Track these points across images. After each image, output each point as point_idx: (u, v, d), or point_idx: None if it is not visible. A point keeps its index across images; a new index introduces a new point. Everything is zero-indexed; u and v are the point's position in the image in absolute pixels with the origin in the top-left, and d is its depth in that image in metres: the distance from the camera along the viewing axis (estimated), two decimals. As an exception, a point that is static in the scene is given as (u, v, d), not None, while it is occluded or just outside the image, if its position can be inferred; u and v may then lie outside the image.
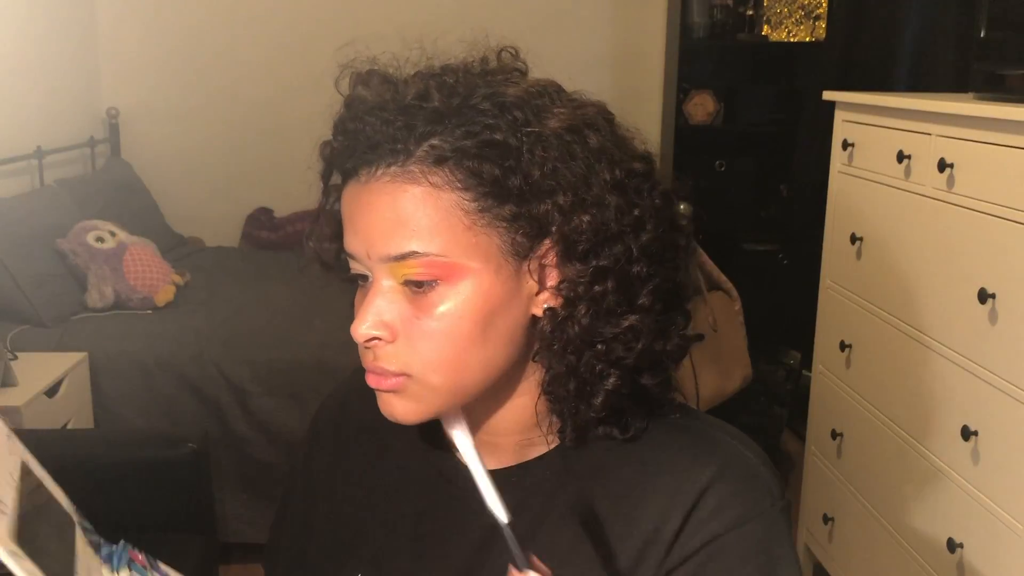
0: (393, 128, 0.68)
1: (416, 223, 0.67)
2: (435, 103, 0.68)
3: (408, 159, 0.68)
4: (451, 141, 0.67)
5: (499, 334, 0.70)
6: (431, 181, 0.67)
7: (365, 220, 0.69)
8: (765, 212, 4.19)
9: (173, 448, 2.04)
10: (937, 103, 1.78)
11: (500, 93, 0.69)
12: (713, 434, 0.77)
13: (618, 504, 0.74)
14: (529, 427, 0.77)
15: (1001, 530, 1.56)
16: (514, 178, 0.68)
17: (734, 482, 0.73)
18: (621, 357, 0.72)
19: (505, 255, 0.69)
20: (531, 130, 0.68)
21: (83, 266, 2.83)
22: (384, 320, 0.70)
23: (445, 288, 0.68)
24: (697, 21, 4.09)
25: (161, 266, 3.02)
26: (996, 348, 1.58)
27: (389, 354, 0.70)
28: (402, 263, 0.68)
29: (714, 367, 2.41)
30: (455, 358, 0.69)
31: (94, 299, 2.82)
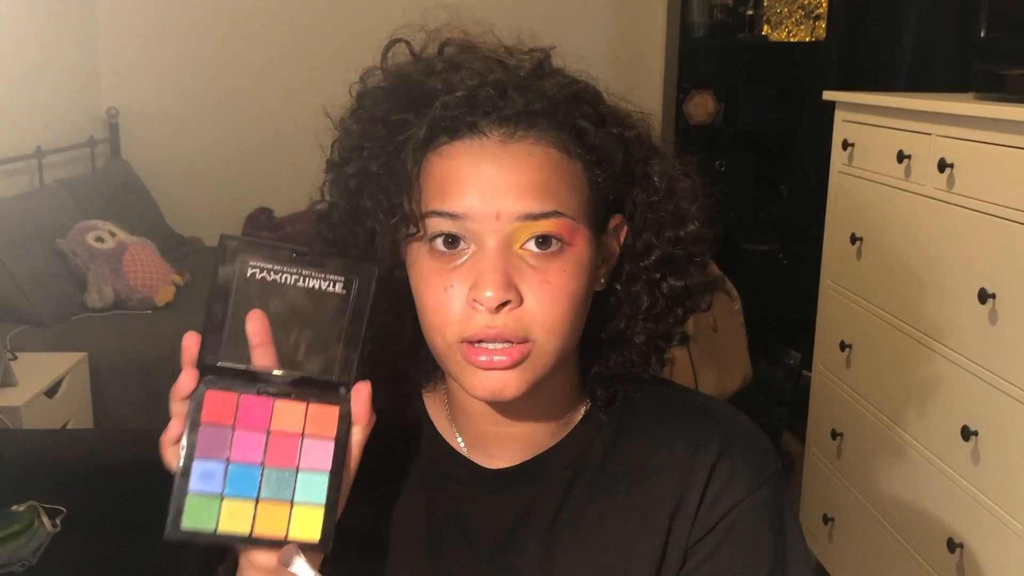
0: (527, 95, 0.70)
1: (556, 185, 0.69)
2: (554, 80, 0.72)
3: (549, 123, 0.70)
4: (580, 113, 0.71)
5: (588, 300, 0.73)
6: (568, 148, 0.70)
7: (505, 178, 0.68)
8: (765, 212, 4.19)
9: (173, 448, 2.03)
10: (937, 103, 1.78)
11: (590, 90, 0.75)
12: (709, 404, 0.82)
13: (635, 484, 0.77)
14: (558, 409, 0.79)
15: (1001, 530, 1.56)
16: (619, 157, 0.73)
17: (741, 451, 0.77)
18: (697, 303, 0.78)
19: (597, 226, 0.73)
20: (627, 134, 0.75)
21: (83, 266, 2.83)
22: (512, 282, 0.68)
23: (569, 253, 0.70)
24: (697, 21, 4.09)
25: (161, 266, 3.02)
26: (996, 348, 1.58)
27: (514, 320, 0.68)
28: (542, 221, 0.68)
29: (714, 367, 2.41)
30: (570, 322, 0.70)
31: (94, 299, 2.82)
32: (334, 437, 0.66)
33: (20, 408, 2.17)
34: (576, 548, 0.76)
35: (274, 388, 0.66)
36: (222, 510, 0.63)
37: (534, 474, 0.78)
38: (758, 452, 0.78)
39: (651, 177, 0.76)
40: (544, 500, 0.77)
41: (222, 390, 0.65)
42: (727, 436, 0.78)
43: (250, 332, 0.65)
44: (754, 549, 0.76)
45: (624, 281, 0.77)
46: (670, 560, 0.76)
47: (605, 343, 0.78)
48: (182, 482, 0.63)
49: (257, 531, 0.64)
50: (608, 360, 0.78)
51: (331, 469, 0.66)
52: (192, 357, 0.65)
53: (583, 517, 0.77)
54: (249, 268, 0.64)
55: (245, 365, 0.66)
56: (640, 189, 0.76)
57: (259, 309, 0.65)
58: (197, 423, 0.64)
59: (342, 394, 0.67)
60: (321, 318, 0.66)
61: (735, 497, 0.76)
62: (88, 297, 2.82)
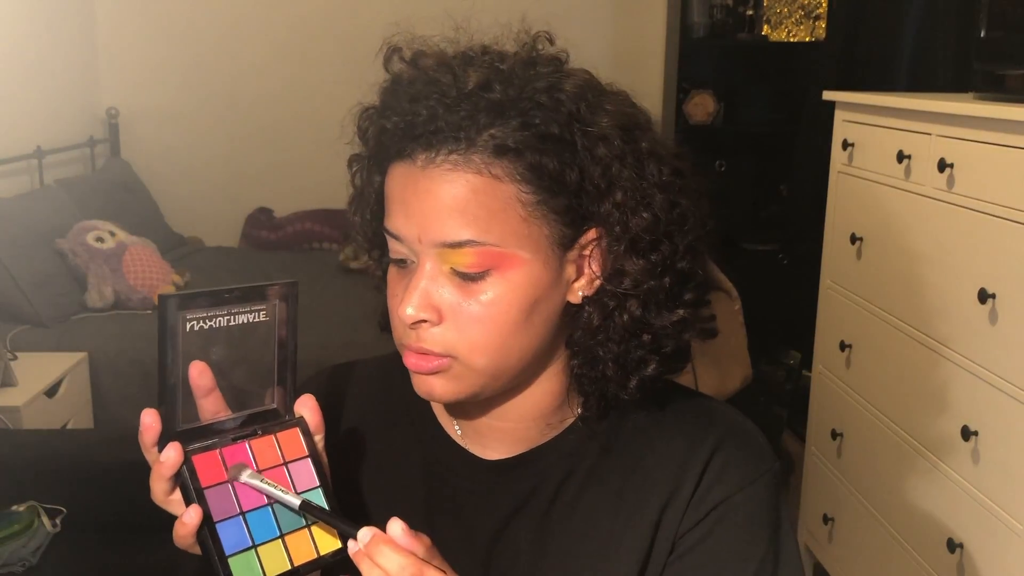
0: (456, 116, 0.68)
1: (474, 212, 0.69)
2: (496, 94, 0.69)
3: (470, 148, 0.68)
4: (512, 133, 0.68)
5: (540, 320, 0.73)
6: (492, 172, 0.68)
7: (421, 205, 0.69)
8: (765, 212, 4.19)
9: (173, 448, 2.03)
10: (937, 103, 1.78)
11: (557, 87, 0.70)
12: (708, 404, 0.83)
13: (630, 477, 0.77)
14: (551, 411, 0.79)
15: (1001, 530, 1.56)
16: (571, 173, 0.70)
17: (737, 446, 0.78)
18: (664, 346, 0.75)
19: (553, 245, 0.71)
20: (589, 129, 0.70)
21: (83, 266, 2.83)
22: (432, 302, 0.71)
23: (496, 277, 0.70)
24: (697, 21, 4.09)
25: (161, 266, 3.02)
26: (996, 348, 1.58)
27: (434, 336, 0.71)
28: (456, 250, 0.69)
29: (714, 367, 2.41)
30: (500, 343, 0.71)
31: (94, 299, 2.82)
32: (308, 454, 0.70)
33: (20, 408, 2.17)
34: (568, 538, 0.77)
35: (238, 432, 0.68)
36: (261, 558, 0.66)
37: (530, 467, 0.79)
38: (754, 450, 0.79)
39: (622, 193, 0.71)
40: (539, 491, 0.78)
41: (203, 451, 0.66)
42: (724, 433, 0.78)
43: (194, 386, 0.66)
44: (742, 544, 0.76)
45: (592, 296, 0.74)
46: (658, 551, 0.76)
47: (576, 355, 0.77)
48: (217, 549, 0.64)
49: (296, 562, 0.66)
50: (581, 372, 0.76)
51: (319, 483, 0.70)
52: (156, 434, 0.65)
53: (576, 508, 0.78)
54: (187, 323, 0.64)
55: (200, 423, 0.67)
56: (611, 204, 0.72)
57: (201, 360, 0.66)
58: (200, 490, 0.65)
59: (288, 417, 0.71)
60: (255, 350, 0.69)
61: (726, 491, 0.76)
62: (88, 297, 2.82)
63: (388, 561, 0.61)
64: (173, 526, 0.65)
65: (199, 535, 0.64)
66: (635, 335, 0.74)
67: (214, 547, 0.64)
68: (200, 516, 0.64)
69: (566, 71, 0.74)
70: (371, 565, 0.61)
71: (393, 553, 0.61)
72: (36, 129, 3.30)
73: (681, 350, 0.78)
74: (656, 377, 0.76)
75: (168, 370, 0.64)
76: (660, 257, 0.73)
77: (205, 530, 0.64)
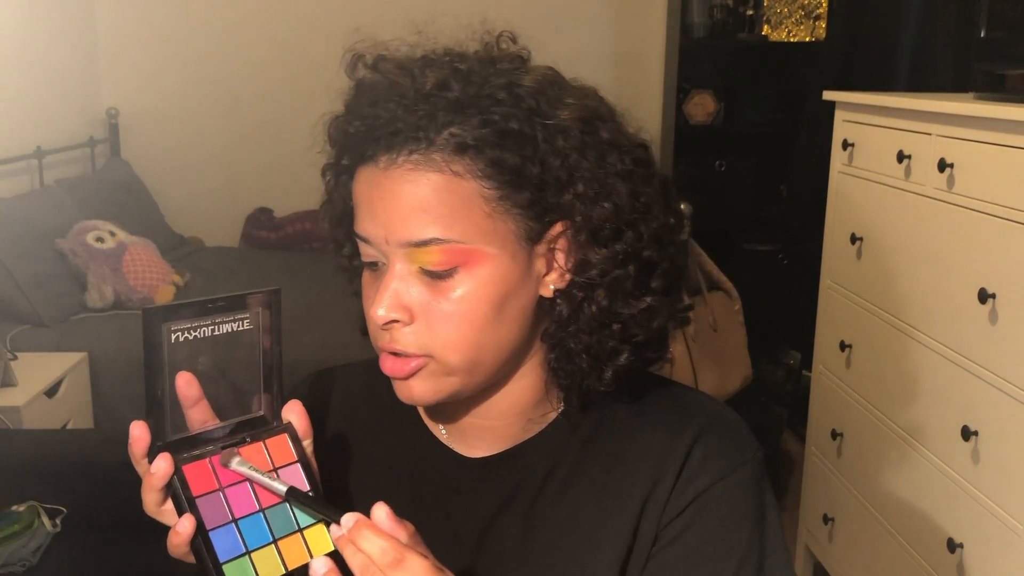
0: (415, 116, 0.69)
1: (437, 210, 0.69)
2: (455, 92, 0.70)
3: (430, 147, 0.69)
4: (471, 130, 0.69)
5: (512, 315, 0.73)
6: (452, 169, 0.69)
7: (385, 206, 0.71)
8: (765, 212, 4.19)
9: (173, 448, 2.03)
10: (937, 103, 1.78)
11: (515, 83, 0.71)
12: (691, 395, 0.83)
13: (613, 469, 0.78)
14: (531, 407, 0.80)
15: (1001, 530, 1.56)
16: (532, 167, 0.70)
17: (718, 436, 0.78)
18: (635, 335, 0.75)
19: (519, 240, 0.72)
20: (548, 122, 0.71)
21: (83, 266, 2.83)
22: (403, 303, 0.72)
23: (463, 273, 0.71)
24: (697, 21, 4.10)
25: (161, 266, 3.02)
26: (996, 348, 1.58)
27: (408, 337, 0.72)
28: (422, 249, 0.70)
29: (714, 367, 2.41)
30: (473, 339, 0.72)
31: (94, 299, 2.82)
32: (297, 459, 0.71)
33: (20, 408, 2.17)
34: (553, 532, 0.78)
35: (227, 440, 0.69)
36: (255, 564, 0.66)
37: (514, 463, 0.80)
38: (735, 439, 0.78)
39: (583, 184, 0.72)
40: (524, 487, 0.79)
41: (193, 461, 0.67)
42: (704, 423, 0.78)
43: (182, 397, 0.67)
44: (725, 533, 0.76)
45: (563, 289, 0.75)
46: (640, 543, 0.76)
47: (551, 348, 0.77)
48: (211, 557, 0.64)
49: (290, 566, 0.67)
50: (557, 366, 0.77)
51: (309, 487, 0.70)
52: (145, 445, 0.66)
53: (560, 505, 0.78)
54: (172, 334, 0.65)
55: (189, 432, 0.68)
56: (573, 195, 0.72)
57: (188, 371, 0.66)
58: (191, 499, 0.65)
59: (276, 423, 0.71)
60: (240, 358, 0.70)
61: (707, 481, 0.76)
62: (88, 297, 2.82)
63: (370, 545, 0.61)
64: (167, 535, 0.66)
65: (193, 544, 0.64)
66: (605, 325, 0.74)
67: (208, 555, 0.64)
68: (193, 525, 0.64)
69: (526, 68, 0.75)
70: (354, 550, 0.62)
71: (375, 537, 0.61)
72: (36, 129, 3.31)
73: (655, 340, 0.77)
74: (631, 367, 0.76)
75: (154, 382, 0.65)
76: (624, 246, 0.73)
77: (199, 538, 0.64)
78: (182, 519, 0.64)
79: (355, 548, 0.62)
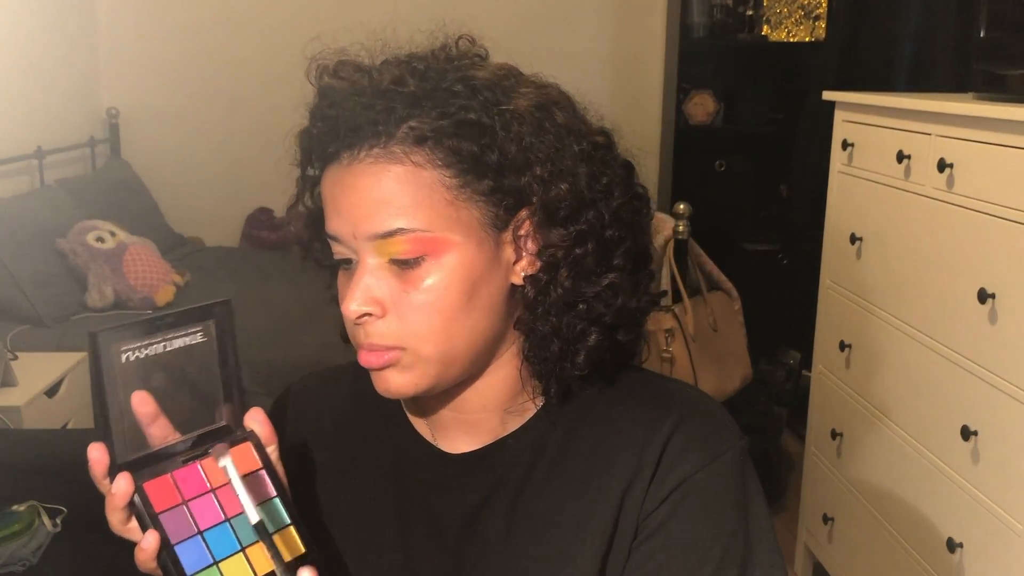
0: (373, 112, 0.71)
1: (400, 201, 0.71)
2: (411, 87, 0.72)
3: (390, 140, 0.71)
4: (429, 122, 0.71)
5: (483, 303, 0.74)
6: (413, 160, 0.71)
7: (349, 201, 0.72)
8: (765, 212, 4.19)
9: (173, 448, 2.04)
10: (937, 103, 1.78)
11: (470, 76, 0.73)
12: (671, 386, 0.83)
13: (594, 462, 0.78)
14: (510, 398, 0.80)
15: (1001, 530, 1.56)
16: (491, 154, 0.72)
17: (698, 425, 0.77)
18: (601, 314, 0.76)
19: (485, 227, 0.73)
20: (504, 108, 0.72)
21: (83, 266, 2.83)
22: (374, 296, 0.73)
23: (431, 262, 0.72)
24: (697, 21, 4.10)
25: (161, 266, 3.02)
26: (996, 348, 1.58)
27: (381, 329, 0.73)
28: (389, 240, 0.71)
29: (714, 367, 2.41)
30: (444, 328, 0.73)
31: (94, 299, 2.82)
32: (262, 466, 0.71)
33: (20, 408, 2.17)
34: (535, 526, 0.78)
35: (189, 454, 0.69)
36: (223, 574, 0.66)
37: (495, 458, 0.80)
38: (715, 427, 0.78)
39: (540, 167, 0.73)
40: (506, 483, 0.79)
41: (153, 477, 0.67)
42: (683, 413, 0.77)
43: (139, 415, 0.67)
44: (708, 522, 0.75)
45: (531, 274, 0.76)
46: (621, 535, 0.76)
47: (524, 335, 0.78)
48: (178, 570, 0.65)
49: (259, 572, 0.67)
50: (531, 354, 0.77)
51: (276, 492, 0.71)
52: (105, 467, 0.66)
53: (542, 498, 0.78)
54: (122, 355, 0.65)
55: (148, 450, 0.68)
56: (531, 178, 0.74)
57: (142, 390, 0.67)
58: (154, 515, 0.66)
59: (240, 432, 0.72)
60: (197, 371, 0.70)
61: (687, 470, 0.75)
62: (88, 297, 2.82)
63: None
64: None
65: (159, 559, 0.65)
66: (570, 306, 0.75)
67: (175, 569, 0.65)
68: (158, 541, 0.64)
69: (482, 63, 0.77)
70: None
71: None
72: (36, 129, 3.31)
73: (625, 320, 0.78)
74: (603, 350, 0.77)
75: (107, 404, 0.65)
76: (583, 226, 0.74)
77: (164, 553, 0.65)
78: (146, 535, 0.65)
79: None
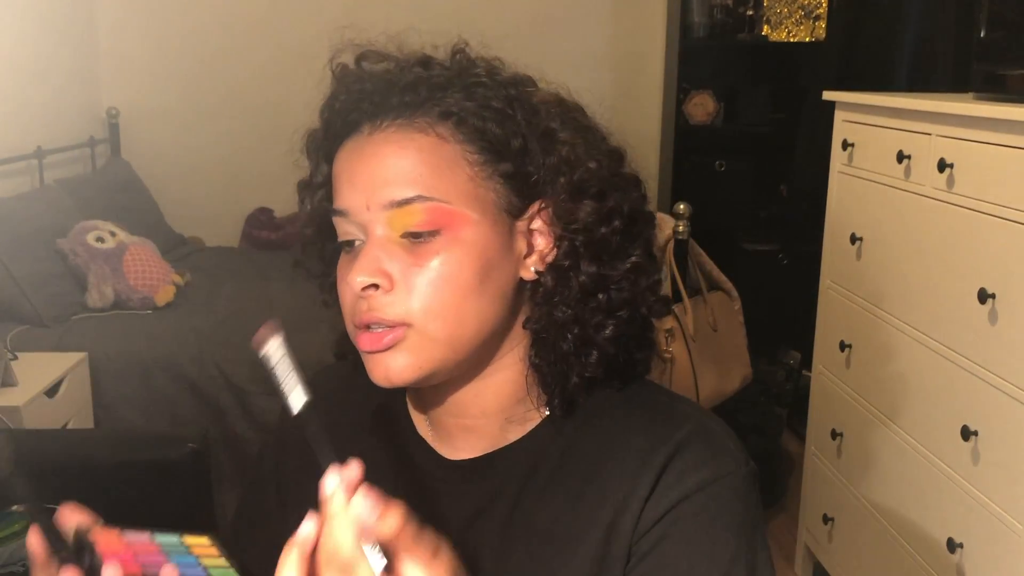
0: (400, 85, 0.72)
1: (420, 168, 0.70)
2: (437, 71, 0.73)
3: (415, 112, 0.71)
4: (456, 102, 0.71)
5: (495, 287, 0.73)
6: (437, 132, 0.71)
7: (369, 169, 0.71)
8: (765, 212, 4.19)
9: (173, 448, 2.04)
10: (937, 103, 1.78)
11: (495, 70, 0.75)
12: (679, 406, 0.79)
13: (591, 478, 0.75)
14: (511, 405, 0.78)
15: (1001, 530, 1.56)
16: (515, 140, 0.72)
17: (699, 449, 0.74)
18: (626, 300, 0.75)
19: (500, 210, 0.73)
20: (528, 101, 0.74)
21: (83, 266, 2.83)
22: (382, 268, 0.71)
23: (446, 237, 0.70)
24: (697, 21, 4.09)
25: (161, 266, 3.02)
26: (996, 348, 1.58)
27: (387, 303, 0.71)
28: (405, 209, 0.70)
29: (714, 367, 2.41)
30: (455, 306, 0.71)
31: (94, 299, 2.81)
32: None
33: (20, 408, 2.17)
34: (528, 544, 0.76)
35: None
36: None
37: (495, 466, 0.78)
38: (719, 450, 0.74)
39: (567, 148, 0.74)
40: (503, 493, 0.77)
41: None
42: (689, 434, 0.74)
43: None
44: (704, 547, 0.71)
45: (546, 268, 0.75)
46: (613, 555, 0.73)
47: (533, 336, 0.77)
48: None
49: None
50: (539, 359, 0.76)
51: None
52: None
53: (537, 513, 0.76)
54: None
55: None
56: (558, 159, 0.74)
57: None
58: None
59: None
60: None
61: (683, 491, 0.72)
62: (88, 297, 2.82)
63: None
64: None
65: None
66: (591, 295, 0.74)
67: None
68: None
69: (502, 66, 0.78)
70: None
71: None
72: (36, 129, 3.30)
73: (642, 330, 0.78)
74: (615, 349, 0.76)
75: None
76: (610, 204, 0.74)
77: None
78: None
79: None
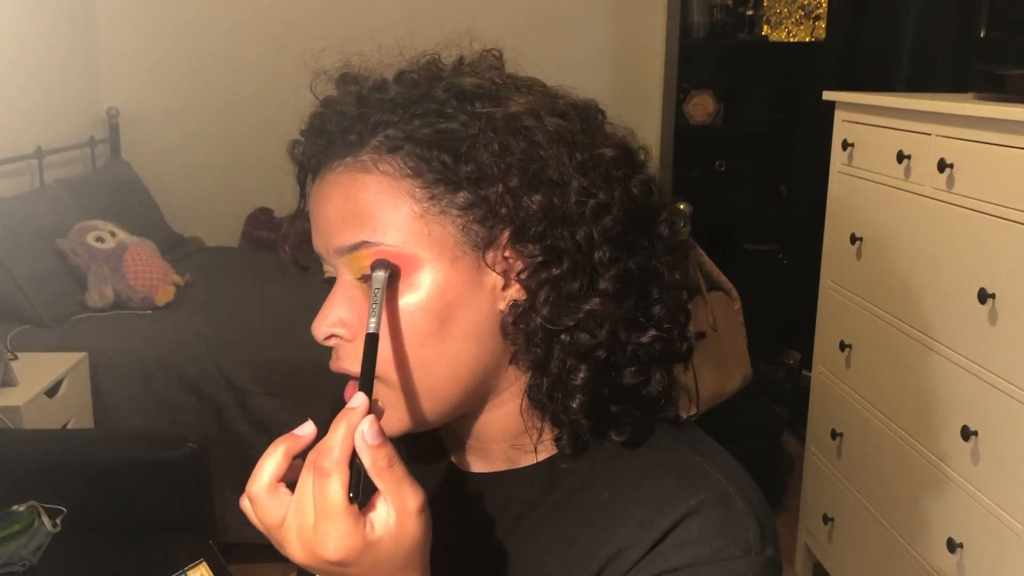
0: (348, 120, 0.67)
1: (367, 212, 0.66)
2: (391, 94, 0.68)
3: (361, 149, 0.67)
4: (404, 129, 0.66)
5: (461, 330, 0.67)
6: (381, 169, 0.66)
7: (322, 213, 0.69)
8: (765, 212, 4.19)
9: (173, 448, 2.04)
10: (937, 103, 1.78)
11: (458, 83, 0.67)
12: (707, 470, 0.69)
13: (589, 525, 0.70)
14: (517, 434, 0.74)
15: (1001, 530, 1.56)
16: (466, 165, 0.65)
17: (709, 522, 0.65)
18: (589, 347, 0.67)
19: (462, 246, 0.66)
20: (484, 111, 0.66)
21: (83, 266, 2.83)
22: (341, 318, 0.69)
23: (400, 282, 0.66)
24: (697, 21, 4.09)
25: (161, 266, 3.02)
26: (996, 348, 1.58)
27: (351, 352, 0.68)
28: (355, 255, 0.67)
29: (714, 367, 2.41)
30: (413, 354, 0.66)
31: (94, 299, 2.82)
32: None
33: (20, 408, 2.17)
34: (523, 565, 0.73)
35: None
36: None
37: (499, 487, 0.75)
38: (735, 527, 0.66)
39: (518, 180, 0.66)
40: (503, 517, 0.75)
41: None
42: (702, 503, 0.66)
43: None
44: None
45: (512, 300, 0.68)
46: None
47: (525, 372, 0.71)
48: None
49: None
50: (533, 396, 0.70)
51: None
52: None
53: (530, 545, 0.73)
54: None
55: None
56: (507, 191, 0.65)
57: None
58: None
59: None
60: None
61: (680, 560, 0.64)
62: (88, 297, 2.82)
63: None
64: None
65: None
66: (553, 336, 0.67)
67: None
68: None
69: (474, 69, 0.71)
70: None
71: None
72: (36, 129, 3.30)
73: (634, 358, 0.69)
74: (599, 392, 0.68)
75: None
76: (561, 243, 0.66)
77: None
78: None
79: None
